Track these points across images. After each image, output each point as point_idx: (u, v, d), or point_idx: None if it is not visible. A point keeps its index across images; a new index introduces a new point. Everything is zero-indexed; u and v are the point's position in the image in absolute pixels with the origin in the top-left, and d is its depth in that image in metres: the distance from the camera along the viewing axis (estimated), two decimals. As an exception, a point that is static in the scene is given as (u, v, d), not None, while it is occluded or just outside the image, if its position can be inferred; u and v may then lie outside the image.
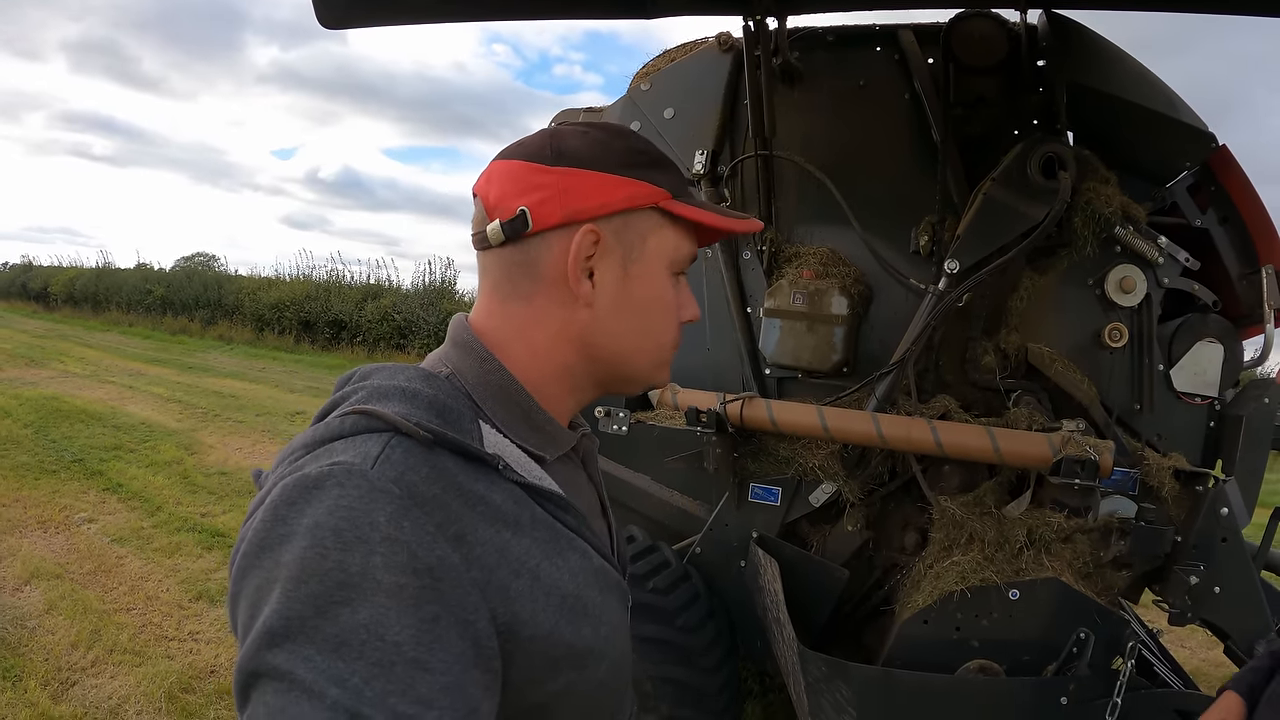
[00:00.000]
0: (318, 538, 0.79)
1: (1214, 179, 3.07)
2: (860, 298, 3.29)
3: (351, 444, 0.89)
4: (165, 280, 28.01)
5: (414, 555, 0.81)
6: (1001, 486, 3.06)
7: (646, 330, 1.12)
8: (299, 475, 0.85)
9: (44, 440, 9.60)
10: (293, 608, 0.77)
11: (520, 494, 0.96)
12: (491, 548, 0.89)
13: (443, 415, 0.95)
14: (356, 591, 0.77)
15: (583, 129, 1.08)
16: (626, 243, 1.07)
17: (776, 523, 3.31)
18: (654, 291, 1.11)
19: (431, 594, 0.81)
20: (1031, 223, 2.86)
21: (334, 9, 2.84)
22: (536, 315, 1.07)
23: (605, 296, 1.07)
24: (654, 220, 1.09)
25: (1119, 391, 3.04)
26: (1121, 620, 2.68)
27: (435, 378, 1.01)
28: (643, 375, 1.16)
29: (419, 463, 0.88)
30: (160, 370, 16.47)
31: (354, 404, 0.95)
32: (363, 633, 0.76)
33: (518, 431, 1.03)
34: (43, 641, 4.84)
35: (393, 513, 0.82)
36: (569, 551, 0.99)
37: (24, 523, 6.86)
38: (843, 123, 3.40)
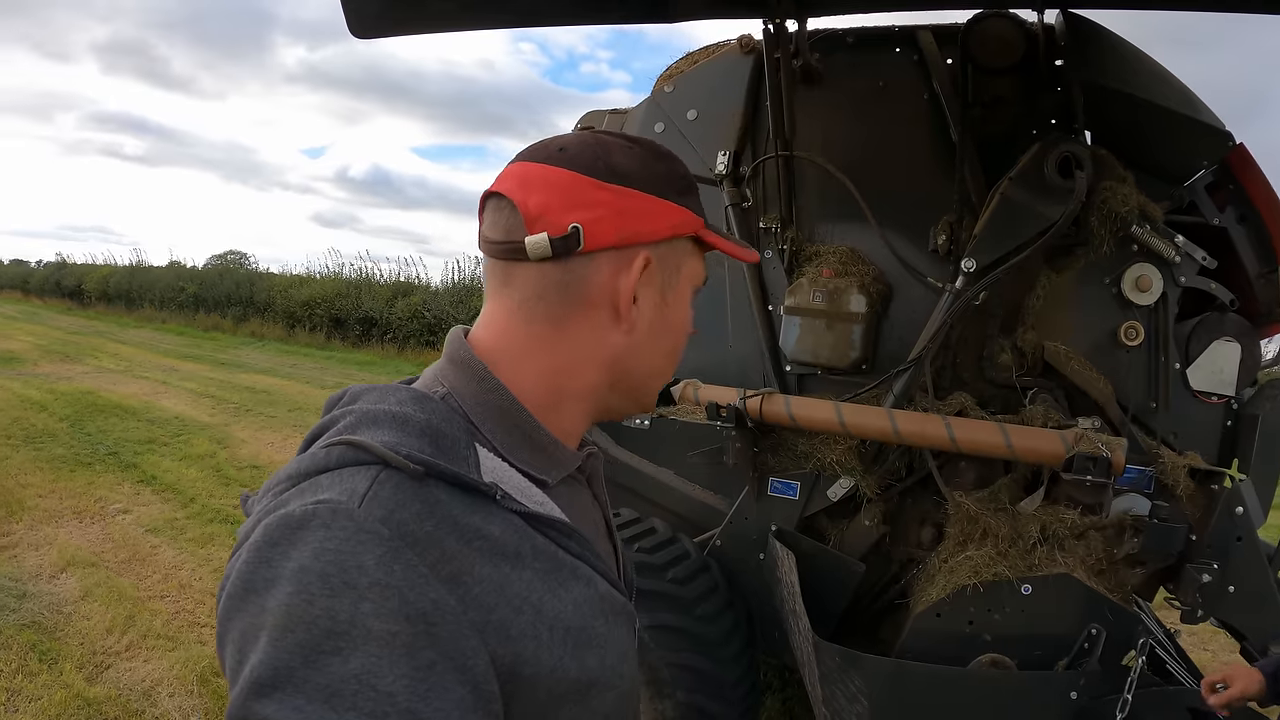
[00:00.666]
0: (304, 583, 0.76)
1: (1232, 177, 3.07)
2: (879, 296, 3.32)
3: (338, 478, 0.84)
4: (198, 278, 28.25)
5: (406, 600, 0.77)
6: (1017, 483, 3.09)
7: (669, 355, 1.11)
8: (283, 514, 0.81)
9: (79, 433, 9.79)
10: (280, 657, 0.74)
11: (520, 523, 0.92)
12: (490, 585, 0.85)
13: (436, 442, 0.90)
14: (346, 640, 0.74)
15: (627, 144, 1.03)
16: (667, 269, 1.05)
17: (795, 516, 3.35)
18: (681, 318, 1.10)
19: (426, 640, 0.78)
20: (1048, 222, 2.88)
21: (365, 20, 2.90)
22: (566, 335, 1.02)
23: (644, 322, 1.04)
24: (688, 247, 1.07)
25: (1135, 390, 3.05)
26: (1134, 617, 2.70)
27: (429, 400, 0.96)
28: (649, 400, 1.14)
29: (409, 498, 0.83)
30: (193, 366, 16.65)
31: (341, 432, 0.91)
32: (354, 683, 0.73)
33: (518, 455, 0.98)
34: (78, 626, 4.97)
35: (382, 555, 0.78)
36: (572, 581, 0.95)
37: (60, 513, 7.02)
38: (863, 123, 3.44)
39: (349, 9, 2.84)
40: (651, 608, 3.07)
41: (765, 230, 3.54)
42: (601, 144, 1.01)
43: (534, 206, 0.97)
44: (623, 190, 0.98)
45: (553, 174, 0.98)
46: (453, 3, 3.00)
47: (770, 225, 3.51)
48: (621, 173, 0.99)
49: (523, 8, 3.11)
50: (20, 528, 6.58)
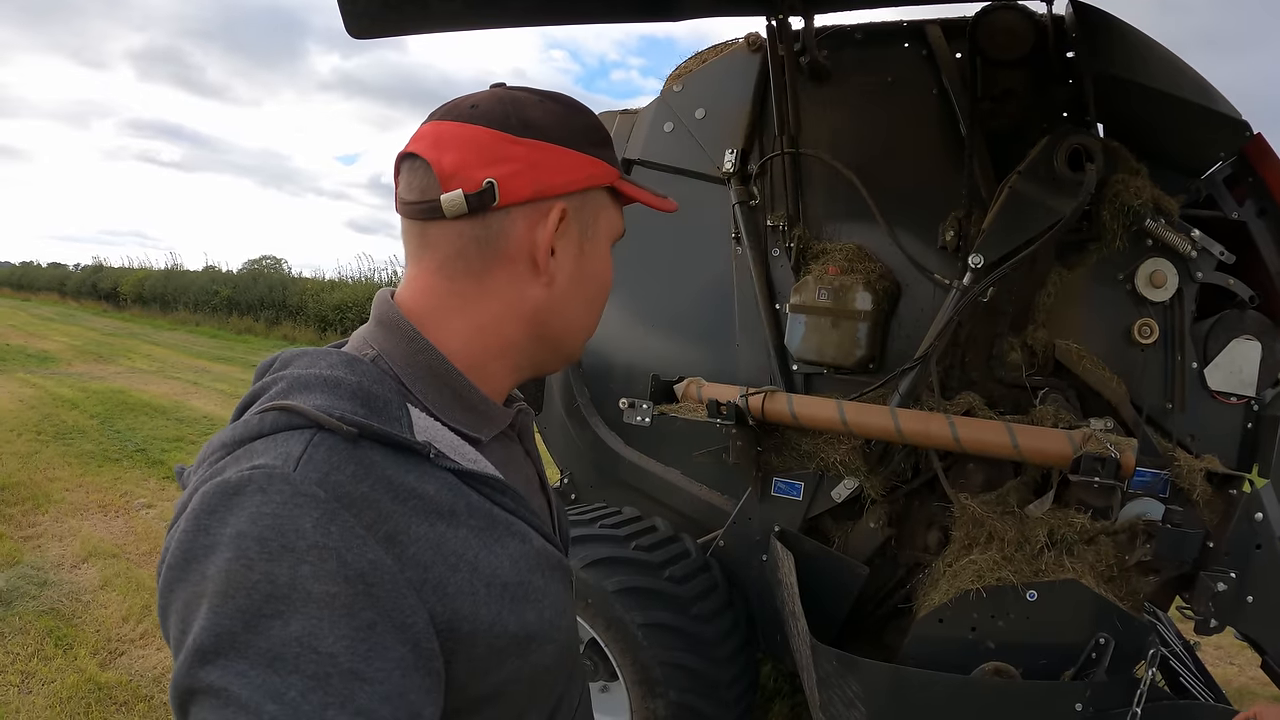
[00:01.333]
0: (242, 548, 0.77)
1: (1251, 169, 2.98)
2: (886, 294, 3.27)
3: (272, 444, 0.85)
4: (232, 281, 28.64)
5: (344, 562, 0.78)
6: (1026, 486, 3.02)
7: (590, 307, 1.12)
8: (219, 481, 0.82)
9: (109, 430, 9.92)
10: (222, 623, 0.75)
11: (454, 481, 0.92)
12: (426, 544, 0.86)
13: (368, 404, 0.91)
14: (286, 603, 0.75)
15: (539, 99, 1.03)
16: (583, 221, 1.06)
17: (799, 517, 3.31)
18: (600, 268, 1.11)
19: (365, 600, 0.78)
20: (1058, 216, 2.81)
21: (361, 20, 2.89)
22: (487, 291, 1.02)
23: (563, 274, 1.05)
24: (604, 199, 1.08)
25: (1150, 390, 2.98)
26: (1145, 626, 2.62)
27: (359, 362, 0.96)
28: (575, 352, 1.15)
29: (344, 460, 0.84)
30: (225, 368, 16.82)
31: (273, 398, 0.91)
32: (296, 646, 0.74)
33: (450, 413, 1.00)
34: (96, 614, 5.09)
35: (319, 518, 0.79)
36: (507, 536, 0.96)
37: (86, 506, 7.15)
38: (870, 119, 3.39)
39: (346, 9, 2.84)
40: (647, 605, 3.05)
41: (772, 228, 3.50)
42: (514, 99, 1.02)
43: (448, 164, 0.98)
44: (536, 144, 0.99)
45: (465, 131, 0.99)
46: (453, 2, 2.98)
47: (777, 223, 3.47)
48: (535, 126, 1.00)
49: (525, 7, 3.09)
50: (46, 519, 6.74)
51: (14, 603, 5.13)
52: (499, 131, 0.98)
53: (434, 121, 1.02)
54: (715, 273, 3.67)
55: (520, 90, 1.05)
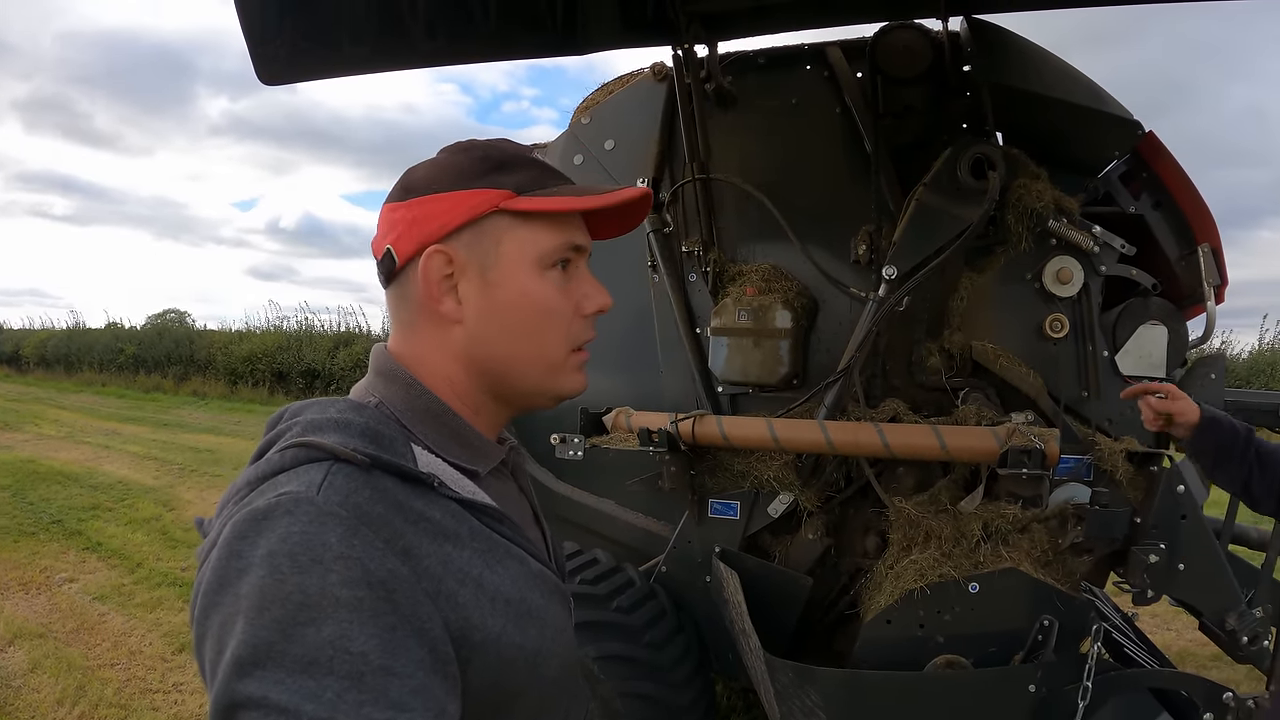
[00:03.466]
0: (274, 565, 0.82)
1: (1145, 165, 3.13)
2: (804, 310, 3.33)
3: (295, 475, 0.91)
4: (137, 338, 27.80)
5: (367, 570, 0.84)
6: (956, 484, 3.11)
7: (525, 334, 1.11)
8: (249, 510, 0.88)
9: (22, 503, 9.58)
10: (259, 635, 0.79)
11: (457, 509, 0.99)
12: (436, 560, 0.92)
13: (377, 441, 0.98)
14: (318, 610, 0.80)
15: (433, 157, 1.13)
16: (481, 252, 1.08)
17: (738, 536, 3.34)
18: (519, 294, 1.09)
19: (387, 604, 0.84)
20: (965, 224, 2.91)
21: (272, 65, 2.89)
22: (422, 341, 1.11)
23: (471, 310, 1.08)
24: (504, 223, 1.08)
25: (1066, 381, 3.09)
26: (1085, 604, 2.72)
27: (365, 407, 1.03)
28: (536, 383, 1.14)
29: (361, 485, 0.91)
30: (136, 428, 16.35)
31: (291, 439, 0.97)
32: (329, 649, 0.78)
33: (449, 450, 1.07)
34: (28, 700, 4.90)
35: (343, 533, 0.85)
36: (507, 559, 1.02)
37: (5, 585, 6.89)
38: (778, 141, 3.46)
39: (256, 56, 2.83)
40: (598, 638, 3.06)
41: (688, 254, 3.55)
42: (411, 168, 1.13)
43: (375, 245, 1.12)
44: (414, 202, 1.08)
45: (382, 211, 1.12)
46: (362, 46, 2.99)
47: (693, 249, 3.52)
48: (412, 187, 1.10)
49: (432, 48, 3.10)
50: (-37, 603, 6.42)
51: (-62, 695, 4.89)
52: (392, 204, 1.11)
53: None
54: (635, 302, 3.70)
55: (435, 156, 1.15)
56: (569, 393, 1.18)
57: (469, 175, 1.08)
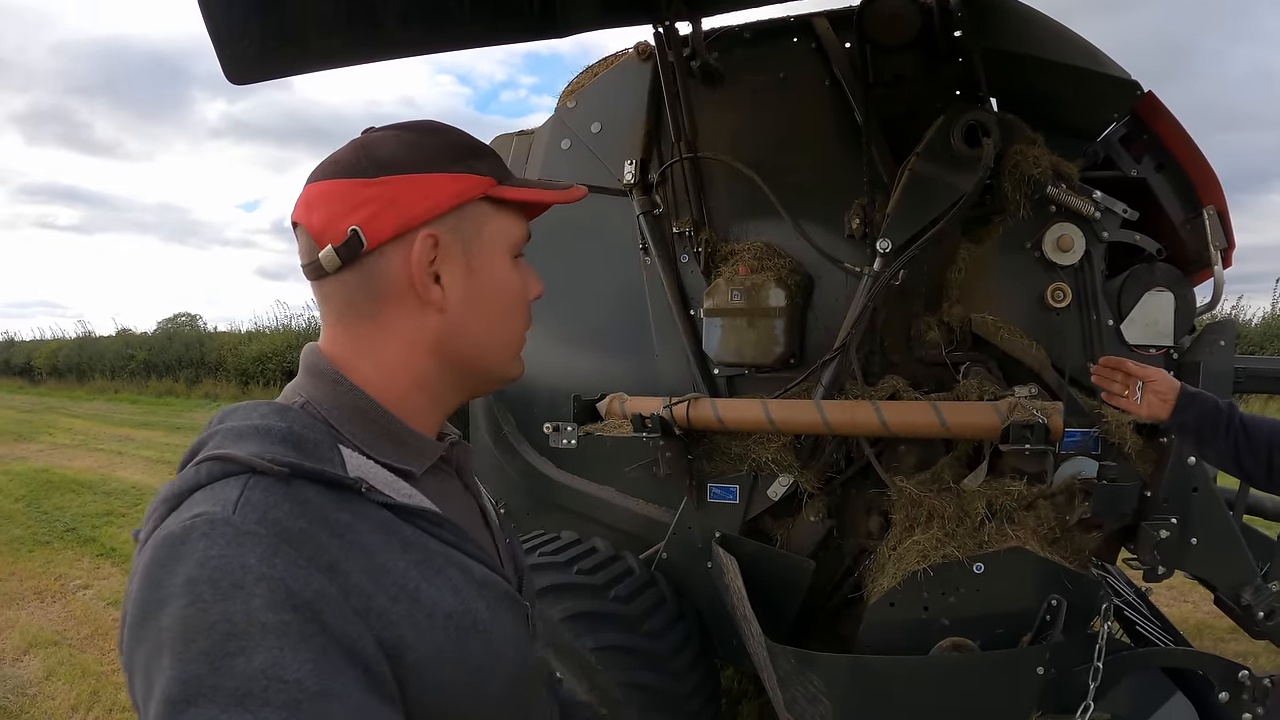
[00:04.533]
0: (195, 593, 0.78)
1: (1145, 127, 3.04)
2: (799, 288, 3.27)
3: (210, 492, 0.87)
4: (147, 344, 28.12)
5: (291, 591, 0.80)
6: (959, 461, 3.04)
7: (501, 321, 1.12)
8: (163, 534, 0.84)
9: (36, 512, 9.67)
10: (188, 669, 0.76)
11: (389, 516, 0.95)
12: (365, 575, 0.88)
13: (299, 447, 0.93)
14: (245, 639, 0.76)
15: (395, 132, 1.06)
16: (464, 238, 1.06)
17: (738, 521, 3.28)
18: (499, 281, 1.11)
19: (315, 625, 0.80)
20: (959, 193, 2.84)
21: (240, 64, 2.84)
22: (385, 331, 1.05)
23: (455, 297, 1.06)
24: (485, 210, 1.08)
25: (1070, 352, 3.00)
26: (1094, 582, 2.64)
27: (289, 410, 0.99)
28: (500, 370, 1.15)
29: (280, 499, 0.86)
30: (148, 433, 16.48)
31: (209, 450, 0.93)
32: (262, 679, 0.75)
33: (380, 449, 1.02)
34: (44, 707, 4.94)
35: (263, 553, 0.81)
36: (447, 568, 0.98)
37: (21, 595, 6.94)
38: (766, 116, 3.39)
39: (224, 55, 2.78)
40: (596, 628, 3.01)
41: (679, 235, 3.48)
42: (367, 143, 1.05)
43: (317, 223, 1.02)
44: (390, 180, 1.01)
45: (327, 188, 1.03)
46: (333, 39, 2.94)
47: (683, 229, 3.45)
48: (386, 163, 1.02)
49: (407, 38, 3.05)
50: (-19, 614, 6.49)
51: (-44, 706, 4.95)
52: (353, 179, 1.01)
53: (306, 186, 1.05)
54: (627, 286, 3.65)
55: (379, 130, 1.08)
56: (519, 376, 1.18)
57: (447, 158, 1.05)
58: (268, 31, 2.79)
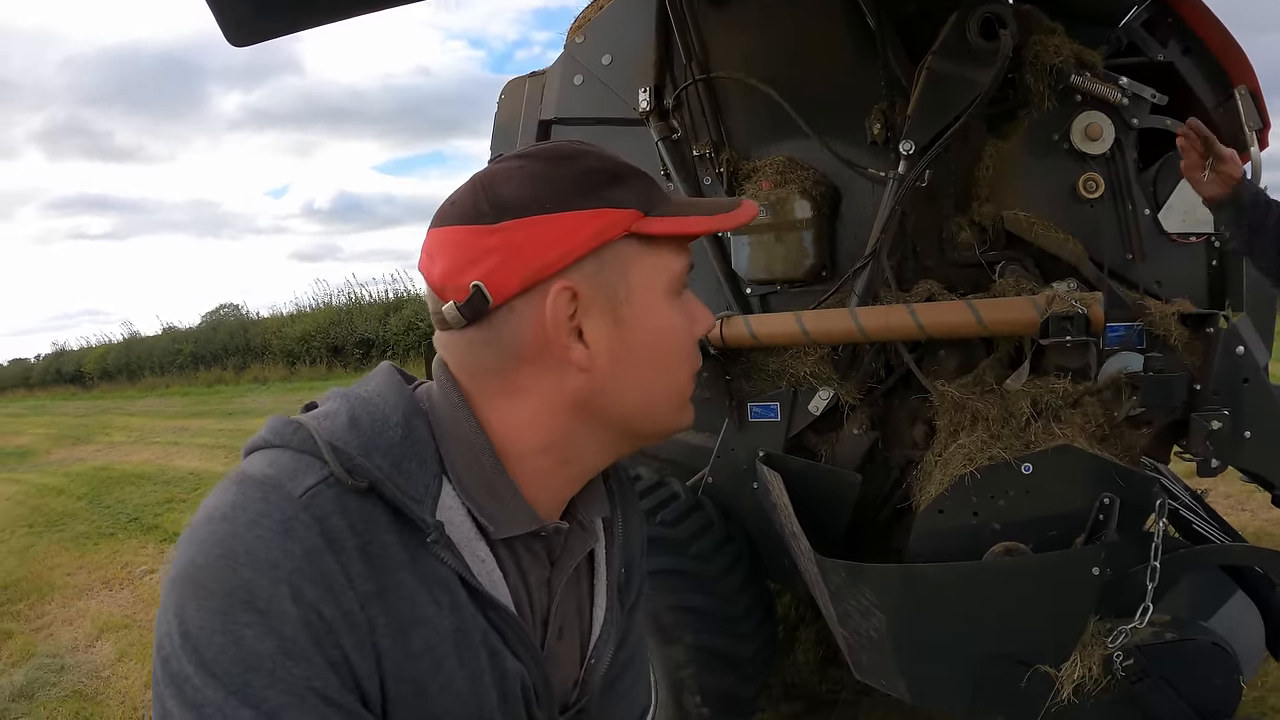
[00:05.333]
0: (231, 550, 0.78)
1: (1169, 9, 2.95)
2: (824, 198, 3.22)
3: (295, 460, 0.84)
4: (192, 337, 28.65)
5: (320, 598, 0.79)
6: (1000, 362, 2.97)
7: (660, 374, 0.97)
8: (241, 474, 0.85)
9: (99, 508, 9.90)
10: (205, 620, 0.76)
11: (449, 574, 0.88)
12: (397, 619, 0.84)
13: (399, 465, 0.87)
14: (262, 617, 0.76)
15: (519, 163, 0.92)
16: (608, 285, 0.91)
17: (781, 438, 3.25)
18: (656, 330, 0.95)
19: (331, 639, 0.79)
20: (979, 88, 2.76)
21: (240, 26, 2.80)
22: (518, 390, 0.93)
23: (601, 353, 0.92)
24: (631, 248, 0.92)
25: (1108, 244, 2.93)
26: (1147, 479, 2.55)
27: (415, 419, 0.91)
28: (665, 424, 1.01)
29: (348, 508, 0.83)
30: (202, 422, 16.80)
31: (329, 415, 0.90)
32: (269, 661, 0.75)
33: (474, 495, 0.92)
34: (118, 687, 5.11)
35: (308, 550, 0.79)
36: (480, 650, 0.91)
37: (89, 586, 7.14)
38: (777, 29, 3.32)
39: (222, 18, 2.74)
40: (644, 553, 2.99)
41: (700, 158, 3.46)
42: (487, 179, 0.91)
43: (438, 276, 0.91)
44: (513, 224, 0.88)
45: (447, 235, 0.91)
46: None
47: (703, 151, 3.43)
48: (508, 204, 0.88)
49: None
50: (53, 607, 6.73)
51: (36, 694, 5.10)
52: (474, 226, 0.89)
53: (429, 230, 0.94)
54: None
55: (504, 161, 0.94)
56: (688, 425, 1.04)
57: (580, 191, 0.89)
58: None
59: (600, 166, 0.93)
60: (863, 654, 2.76)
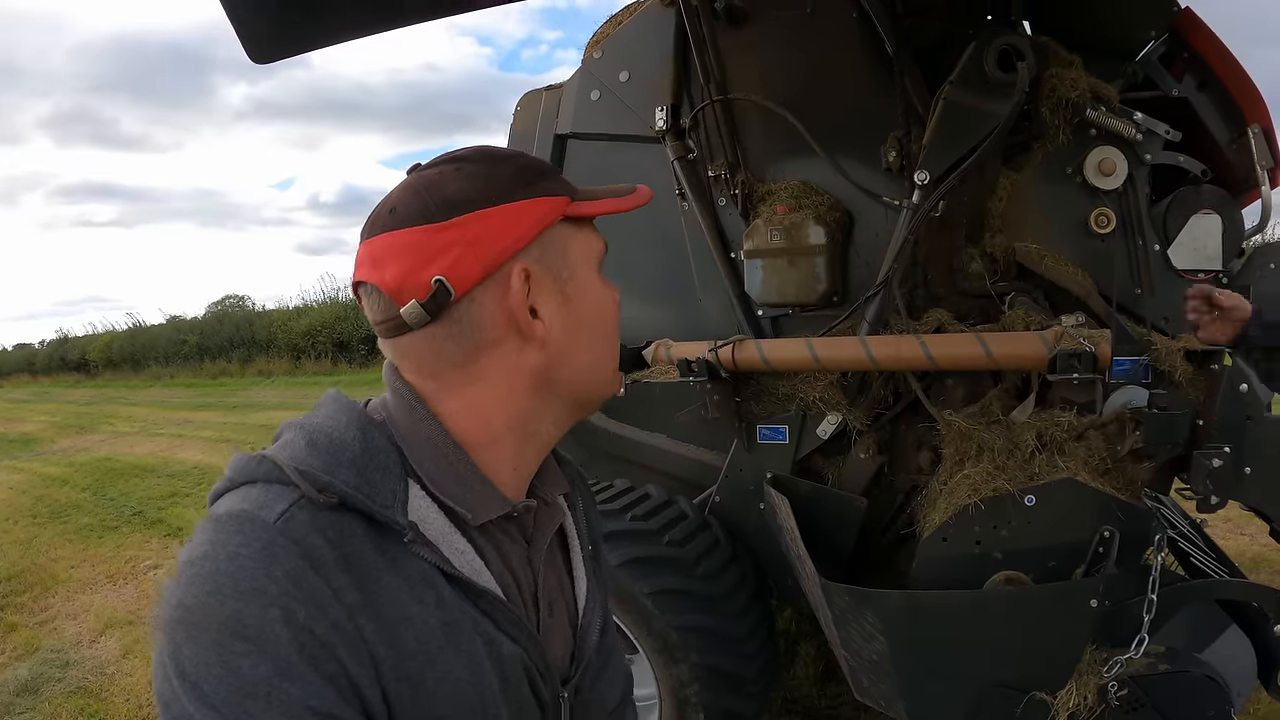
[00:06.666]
0: (218, 584, 0.80)
1: (1185, 44, 2.96)
2: (838, 225, 3.24)
3: (263, 492, 0.88)
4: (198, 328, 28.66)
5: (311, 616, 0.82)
6: (1007, 393, 3.01)
7: (601, 341, 1.08)
8: (213, 517, 0.87)
9: (103, 500, 9.92)
10: (200, 654, 0.78)
11: (430, 570, 0.93)
12: (386, 624, 0.87)
13: (364, 474, 0.91)
14: (255, 644, 0.79)
15: (453, 167, 0.98)
16: (553, 266, 1.01)
17: (789, 461, 3.29)
18: (596, 301, 1.06)
19: (326, 654, 0.82)
20: (996, 120, 2.79)
21: (261, 43, 2.82)
22: (478, 378, 0.99)
23: (555, 328, 1.01)
24: (565, 231, 1.02)
25: (1117, 278, 2.95)
26: (1147, 513, 2.59)
27: (371, 428, 0.96)
28: (603, 390, 1.11)
29: (324, 525, 0.87)
30: (206, 415, 16.83)
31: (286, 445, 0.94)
32: (265, 686, 0.78)
33: (444, 488, 0.97)
34: (123, 684, 5.11)
35: (290, 570, 0.82)
36: (474, 637, 0.95)
37: (94, 580, 7.14)
38: (796, 54, 3.34)
39: (244, 35, 2.76)
40: (651, 573, 3.04)
41: (715, 178, 3.48)
42: (427, 184, 0.97)
43: (391, 280, 0.95)
44: (466, 219, 0.94)
45: (395, 239, 0.95)
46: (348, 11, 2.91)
47: (719, 172, 3.45)
48: (457, 201, 0.95)
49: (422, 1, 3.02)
50: (57, 600, 6.73)
51: (40, 689, 5.11)
52: (425, 225, 0.94)
53: (365, 241, 0.98)
54: (667, 232, 3.66)
55: (434, 166, 1.00)
56: (619, 390, 1.16)
57: (519, 184, 0.98)
58: (286, 6, 2.76)
59: (531, 163, 1.02)
60: (863, 676, 2.79)
